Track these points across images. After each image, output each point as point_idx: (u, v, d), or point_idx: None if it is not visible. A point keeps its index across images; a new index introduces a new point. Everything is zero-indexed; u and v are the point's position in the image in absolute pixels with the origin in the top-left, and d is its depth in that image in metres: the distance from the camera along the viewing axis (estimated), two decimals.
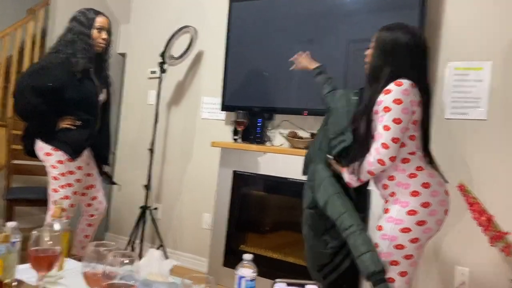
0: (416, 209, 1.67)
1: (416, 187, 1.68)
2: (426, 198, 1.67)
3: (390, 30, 1.81)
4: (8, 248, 1.29)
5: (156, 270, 1.31)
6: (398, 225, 1.67)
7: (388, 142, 1.65)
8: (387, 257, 1.69)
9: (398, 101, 1.64)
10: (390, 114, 1.65)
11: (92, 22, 2.53)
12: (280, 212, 3.10)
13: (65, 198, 2.40)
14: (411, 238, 1.67)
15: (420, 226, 1.67)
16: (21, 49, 4.05)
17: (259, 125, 3.04)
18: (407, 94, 1.65)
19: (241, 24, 3.22)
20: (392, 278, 1.70)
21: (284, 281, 0.90)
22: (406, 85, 1.67)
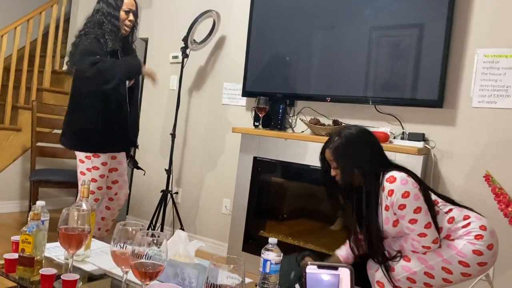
0: (483, 251, 1.72)
1: (477, 231, 1.73)
2: (489, 240, 1.73)
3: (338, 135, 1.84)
4: (39, 226, 1.32)
5: (182, 251, 1.32)
6: (459, 256, 1.72)
7: (423, 230, 1.71)
8: (428, 268, 1.73)
9: (406, 194, 1.70)
10: (407, 209, 1.70)
11: (120, 4, 2.54)
12: (300, 200, 3.10)
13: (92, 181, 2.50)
14: (464, 272, 1.72)
15: (480, 266, 1.73)
16: (45, 33, 4.10)
17: (280, 112, 3.02)
18: (407, 183, 1.71)
19: (264, 10, 3.19)
20: (414, 280, 1.74)
21: (315, 263, 0.90)
22: (398, 175, 1.72)
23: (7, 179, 3.73)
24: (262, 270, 1.34)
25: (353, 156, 1.79)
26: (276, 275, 1.35)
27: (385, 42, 2.70)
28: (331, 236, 2.83)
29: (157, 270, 1.10)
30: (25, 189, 3.83)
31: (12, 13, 4.38)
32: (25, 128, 3.78)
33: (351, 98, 2.77)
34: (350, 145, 1.79)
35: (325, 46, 2.93)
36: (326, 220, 2.88)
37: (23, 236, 1.30)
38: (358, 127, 1.87)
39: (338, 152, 1.79)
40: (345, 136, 1.80)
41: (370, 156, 1.80)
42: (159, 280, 1.20)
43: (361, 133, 1.84)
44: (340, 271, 0.94)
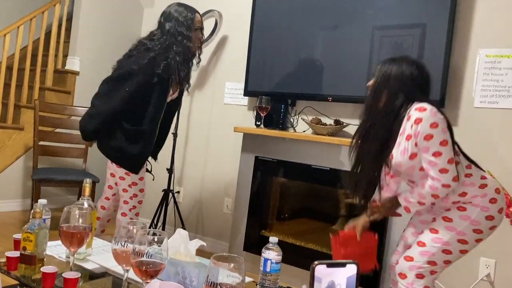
0: (494, 215, 1.70)
1: (493, 195, 1.70)
2: (501, 204, 1.71)
3: (395, 61, 1.79)
4: (40, 224, 1.33)
5: (183, 249, 1.32)
6: (473, 225, 1.70)
7: (446, 166, 1.63)
8: (445, 245, 1.70)
9: (434, 124, 1.63)
10: (434, 140, 1.63)
11: (191, 23, 2.36)
12: (302, 199, 3.10)
13: None
14: (478, 238, 1.71)
15: (491, 230, 1.72)
16: (47, 32, 4.11)
17: (282, 111, 3.02)
18: (437, 115, 1.64)
19: (266, 9, 3.19)
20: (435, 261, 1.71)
21: (323, 262, 0.90)
22: (429, 106, 1.65)
23: (9, 178, 3.75)
24: (262, 269, 1.34)
25: (394, 75, 1.74)
26: (276, 274, 1.35)
27: (387, 42, 2.70)
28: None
29: (158, 269, 1.10)
30: (27, 187, 3.84)
31: (14, 12, 4.40)
32: (27, 127, 3.79)
33: (353, 98, 2.77)
34: (398, 65, 1.75)
35: (327, 46, 2.93)
36: (328, 220, 2.88)
37: (25, 234, 1.31)
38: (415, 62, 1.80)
39: (384, 66, 1.78)
40: (400, 58, 1.79)
41: (410, 84, 1.72)
42: (160, 278, 1.20)
43: (415, 64, 1.77)
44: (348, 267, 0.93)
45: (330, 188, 2.84)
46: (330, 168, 2.73)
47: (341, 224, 2.85)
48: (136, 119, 2.37)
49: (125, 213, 2.57)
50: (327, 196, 2.93)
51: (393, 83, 1.74)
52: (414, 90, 1.72)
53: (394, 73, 1.74)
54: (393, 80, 1.74)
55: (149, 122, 2.38)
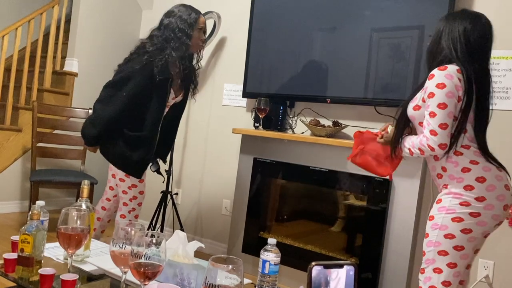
0: (470, 201, 1.61)
1: (470, 182, 1.62)
2: (481, 193, 1.61)
3: (451, 17, 1.74)
4: (38, 226, 1.32)
5: (181, 251, 1.32)
6: (449, 214, 1.62)
7: (436, 128, 1.60)
8: (436, 246, 1.63)
9: (441, 85, 1.59)
10: (434, 99, 1.60)
11: (194, 22, 2.35)
12: (300, 201, 3.10)
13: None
14: (463, 228, 1.60)
15: (474, 217, 1.60)
16: (46, 34, 4.11)
17: (280, 113, 3.03)
18: (450, 78, 1.59)
19: (264, 11, 3.19)
20: (439, 268, 1.62)
21: (321, 263, 0.89)
22: (450, 69, 1.61)
23: (7, 180, 3.74)
24: (261, 271, 1.34)
25: (448, 29, 1.69)
26: (275, 276, 1.35)
27: (386, 43, 2.71)
28: (331, 237, 2.83)
29: (156, 271, 1.10)
30: (26, 189, 3.84)
31: (13, 14, 4.40)
32: (25, 128, 3.79)
33: (351, 99, 2.78)
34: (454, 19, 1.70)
35: (325, 48, 2.94)
36: (326, 221, 2.88)
37: (23, 236, 1.30)
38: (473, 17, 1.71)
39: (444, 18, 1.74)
40: (461, 12, 1.73)
41: (457, 41, 1.66)
42: (158, 280, 1.20)
43: (472, 18, 1.69)
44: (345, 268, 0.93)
45: (328, 189, 2.84)
46: (329, 169, 2.73)
47: (340, 225, 2.85)
48: (136, 124, 2.36)
49: (124, 215, 2.56)
50: (325, 197, 2.93)
51: (440, 42, 1.70)
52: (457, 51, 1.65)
53: (445, 31, 1.70)
54: (443, 38, 1.70)
55: (149, 126, 2.37)
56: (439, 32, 1.72)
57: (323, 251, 2.78)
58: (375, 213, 2.55)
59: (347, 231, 2.80)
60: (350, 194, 2.78)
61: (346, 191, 2.77)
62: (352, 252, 2.71)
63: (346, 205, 2.83)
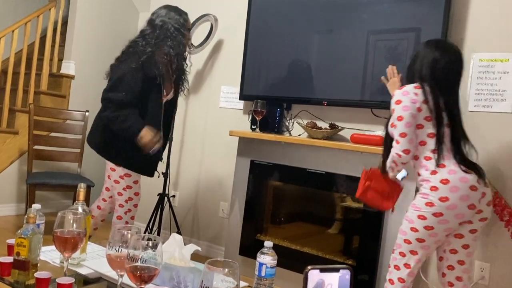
0: (434, 202, 1.82)
1: (435, 183, 1.83)
2: (444, 193, 1.81)
3: (428, 44, 2.01)
4: (34, 229, 1.32)
5: (178, 254, 1.32)
6: (416, 211, 1.86)
7: (398, 138, 1.88)
8: (403, 235, 1.91)
9: (398, 101, 1.90)
10: (394, 114, 1.90)
11: (186, 23, 2.45)
12: (297, 203, 3.10)
13: None
14: (425, 225, 1.84)
15: (436, 217, 1.82)
16: (42, 36, 4.11)
17: (277, 115, 3.03)
18: (406, 95, 1.89)
19: (261, 13, 3.20)
20: (403, 252, 1.90)
21: (317, 267, 0.90)
22: (407, 87, 1.91)
23: (4, 182, 3.73)
24: (257, 274, 1.34)
25: (422, 56, 1.96)
26: (271, 279, 1.35)
27: (382, 46, 2.71)
28: (328, 240, 2.83)
29: (153, 274, 1.10)
30: (22, 192, 3.82)
31: (9, 16, 4.39)
32: (22, 131, 3.77)
33: (348, 101, 2.78)
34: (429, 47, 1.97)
35: (322, 50, 2.94)
36: (323, 224, 2.89)
37: (18, 240, 1.30)
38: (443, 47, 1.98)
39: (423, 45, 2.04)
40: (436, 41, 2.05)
41: (423, 67, 1.93)
42: (155, 283, 1.20)
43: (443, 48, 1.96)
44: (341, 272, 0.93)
45: (325, 192, 2.85)
46: (326, 171, 2.74)
47: (337, 228, 2.85)
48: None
49: (120, 216, 2.56)
50: (322, 200, 2.93)
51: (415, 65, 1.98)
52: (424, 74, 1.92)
53: (419, 56, 1.97)
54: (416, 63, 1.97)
55: (153, 123, 2.40)
56: (416, 57, 2.00)
57: (320, 254, 2.78)
58: (372, 215, 2.55)
59: (344, 233, 2.81)
60: (347, 196, 2.78)
61: (343, 193, 2.78)
62: (349, 254, 2.72)
63: (343, 207, 2.84)
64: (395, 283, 1.90)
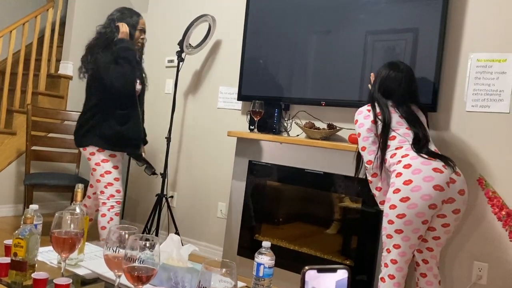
0: (399, 187, 1.94)
1: (399, 169, 1.98)
2: (407, 176, 1.93)
3: (376, 74, 2.29)
4: (31, 230, 1.32)
5: (175, 255, 1.32)
6: (388, 203, 2.00)
7: (361, 151, 2.18)
8: (384, 230, 2.03)
9: (355, 121, 2.21)
10: (356, 132, 2.22)
11: (136, 24, 2.68)
12: (296, 203, 3.10)
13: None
14: (398, 213, 1.94)
15: (404, 202, 1.92)
16: (40, 37, 4.10)
17: (275, 115, 3.03)
18: (360, 114, 2.19)
19: (259, 14, 3.20)
20: (389, 249, 2.01)
21: (314, 267, 0.90)
22: (360, 108, 2.21)
23: (1, 183, 3.72)
24: (255, 274, 1.34)
25: (372, 84, 2.27)
26: (269, 279, 1.35)
27: (380, 46, 2.72)
28: (326, 240, 2.84)
29: (150, 274, 1.09)
30: (20, 193, 3.82)
31: (7, 16, 4.38)
32: (20, 131, 3.77)
33: (346, 102, 2.79)
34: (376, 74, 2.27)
35: (320, 50, 2.95)
36: (322, 224, 2.89)
37: (16, 240, 1.30)
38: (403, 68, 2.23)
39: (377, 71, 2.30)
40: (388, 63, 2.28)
41: (373, 89, 2.22)
42: (152, 284, 1.20)
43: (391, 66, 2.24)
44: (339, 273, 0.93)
45: (323, 192, 2.85)
46: (324, 172, 2.74)
47: (335, 228, 2.85)
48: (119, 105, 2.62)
49: (104, 214, 2.61)
50: (320, 200, 2.93)
51: (375, 85, 2.24)
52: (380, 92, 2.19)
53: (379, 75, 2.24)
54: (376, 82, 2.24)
55: (130, 104, 2.65)
56: (373, 79, 2.29)
57: (318, 254, 2.78)
58: (370, 216, 2.55)
59: (342, 234, 2.81)
60: (345, 197, 2.78)
61: (341, 194, 2.78)
62: (347, 254, 2.72)
63: (341, 208, 2.84)
64: (388, 265, 2.01)
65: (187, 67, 3.57)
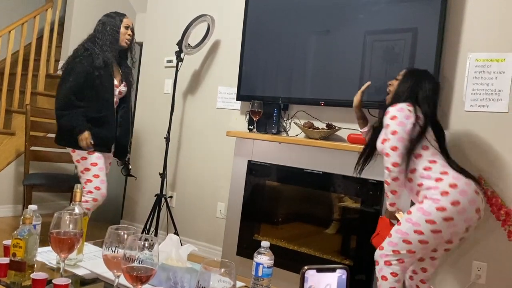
0: (446, 206, 1.88)
1: (445, 188, 1.90)
2: (455, 197, 1.88)
3: (415, 74, 2.17)
4: (30, 230, 1.32)
5: (174, 255, 1.32)
6: (425, 216, 1.91)
7: (388, 151, 1.98)
8: (403, 235, 1.95)
9: (393, 117, 2.01)
10: (388, 129, 2.01)
11: (119, 22, 2.86)
12: (294, 203, 3.10)
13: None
14: (434, 229, 1.90)
15: (446, 221, 1.88)
16: (39, 37, 4.10)
17: (274, 115, 3.03)
18: (401, 111, 2.01)
19: (258, 14, 3.20)
20: (399, 251, 1.96)
21: (313, 267, 0.90)
22: (401, 105, 2.03)
23: (0, 183, 3.71)
24: (254, 274, 1.34)
25: (415, 85, 2.11)
26: (268, 279, 1.35)
27: (379, 46, 2.72)
28: (326, 240, 2.84)
29: (149, 274, 1.09)
30: (19, 193, 3.81)
31: (5, 17, 4.38)
32: (19, 132, 3.77)
33: (345, 102, 2.78)
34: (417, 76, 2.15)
35: (319, 50, 2.95)
36: (321, 224, 2.89)
37: (15, 241, 1.30)
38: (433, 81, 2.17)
39: (411, 73, 2.18)
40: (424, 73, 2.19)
41: (421, 96, 2.08)
42: (151, 284, 1.20)
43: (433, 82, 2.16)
44: (337, 272, 0.93)
45: (322, 192, 2.85)
46: (323, 172, 2.74)
47: (334, 228, 2.85)
48: (94, 108, 2.76)
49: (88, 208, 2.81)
50: (320, 200, 2.93)
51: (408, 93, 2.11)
52: (418, 100, 2.07)
53: (413, 85, 2.11)
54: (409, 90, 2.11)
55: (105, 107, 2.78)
56: (406, 86, 2.13)
57: (317, 254, 2.78)
58: (369, 216, 2.56)
59: (342, 234, 2.81)
60: (345, 197, 2.79)
61: (340, 194, 2.78)
62: (346, 254, 2.72)
63: (340, 208, 2.84)
64: (388, 278, 1.98)
65: (186, 67, 3.57)
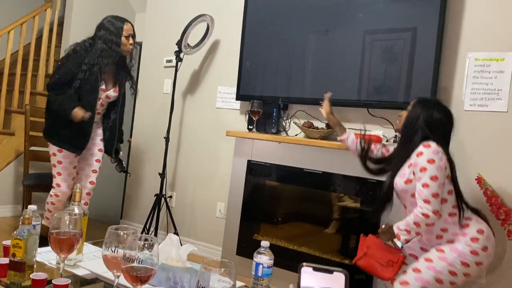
0: (479, 252, 1.87)
1: (473, 234, 1.89)
2: (484, 243, 1.89)
3: (427, 105, 2.03)
4: (30, 231, 1.31)
5: (174, 255, 1.32)
6: (460, 257, 1.88)
7: (429, 198, 1.86)
8: (436, 273, 1.88)
9: (431, 161, 1.88)
10: (426, 173, 1.87)
11: (120, 31, 2.79)
12: (294, 203, 3.10)
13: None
14: (466, 272, 1.88)
15: (477, 266, 1.89)
16: (38, 37, 4.10)
17: (274, 115, 3.03)
18: (436, 154, 1.89)
19: (258, 14, 3.20)
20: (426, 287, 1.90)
21: (310, 265, 0.90)
22: (434, 146, 1.91)
23: (0, 184, 3.71)
24: (254, 274, 1.34)
25: (426, 115, 1.98)
26: (268, 279, 1.35)
27: (378, 45, 2.72)
28: (326, 239, 2.84)
29: (149, 274, 1.09)
30: (18, 193, 3.81)
31: (5, 17, 4.37)
32: (18, 132, 3.76)
33: (344, 101, 2.79)
34: (432, 107, 2.00)
35: (319, 50, 2.95)
36: (320, 223, 2.89)
37: (14, 241, 1.30)
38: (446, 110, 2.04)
39: (421, 103, 2.03)
40: (435, 102, 2.06)
41: (434, 126, 1.96)
42: (151, 284, 1.20)
43: (445, 111, 2.02)
44: (335, 275, 0.93)
45: (322, 191, 2.85)
46: (322, 171, 2.74)
47: (334, 227, 2.86)
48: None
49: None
50: (319, 199, 2.93)
51: (420, 123, 1.98)
52: (433, 132, 1.95)
53: (424, 115, 1.98)
54: (421, 121, 1.98)
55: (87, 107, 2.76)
56: (416, 116, 2.00)
57: (317, 253, 2.78)
58: (369, 215, 2.56)
59: (341, 233, 2.81)
60: (344, 196, 2.79)
61: (340, 193, 2.78)
62: (346, 254, 2.72)
63: (340, 207, 2.84)
64: None
65: (185, 67, 3.57)
